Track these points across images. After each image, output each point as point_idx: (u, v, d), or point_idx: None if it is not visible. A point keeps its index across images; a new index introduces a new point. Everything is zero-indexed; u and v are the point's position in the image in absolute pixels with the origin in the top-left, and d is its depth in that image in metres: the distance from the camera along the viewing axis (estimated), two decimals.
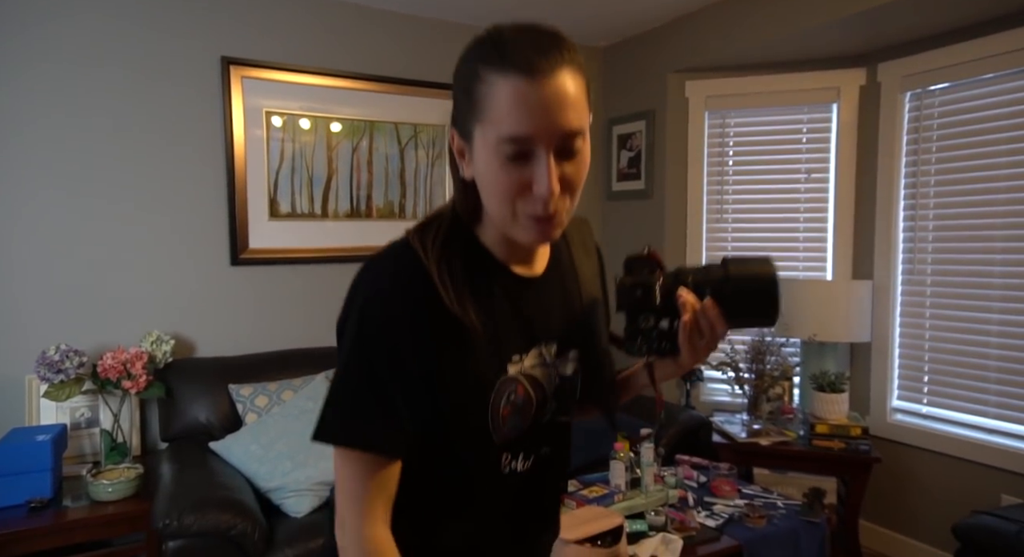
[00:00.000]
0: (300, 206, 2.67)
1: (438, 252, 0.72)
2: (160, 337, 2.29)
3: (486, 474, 0.77)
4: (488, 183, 0.69)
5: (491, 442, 0.75)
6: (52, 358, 2.02)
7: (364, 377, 0.70)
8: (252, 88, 2.53)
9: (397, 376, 0.70)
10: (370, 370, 0.70)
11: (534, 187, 0.66)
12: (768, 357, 2.57)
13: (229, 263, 2.52)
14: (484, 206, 0.74)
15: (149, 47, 2.34)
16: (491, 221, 0.75)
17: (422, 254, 0.71)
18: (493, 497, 0.78)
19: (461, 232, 0.76)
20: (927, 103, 2.49)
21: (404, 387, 0.70)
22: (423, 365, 0.70)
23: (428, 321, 0.70)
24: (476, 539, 0.79)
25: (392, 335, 0.70)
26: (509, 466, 0.78)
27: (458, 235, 0.75)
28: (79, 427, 2.18)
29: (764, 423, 2.51)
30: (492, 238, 0.77)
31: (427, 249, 0.72)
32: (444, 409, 0.72)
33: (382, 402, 0.70)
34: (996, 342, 2.29)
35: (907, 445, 2.54)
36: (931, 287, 2.49)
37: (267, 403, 2.29)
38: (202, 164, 2.46)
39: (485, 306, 0.74)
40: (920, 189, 2.52)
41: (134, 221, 2.35)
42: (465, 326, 0.71)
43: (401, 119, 2.85)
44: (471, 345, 0.72)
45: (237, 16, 2.49)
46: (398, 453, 0.72)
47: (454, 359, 0.72)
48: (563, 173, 0.67)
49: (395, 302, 0.70)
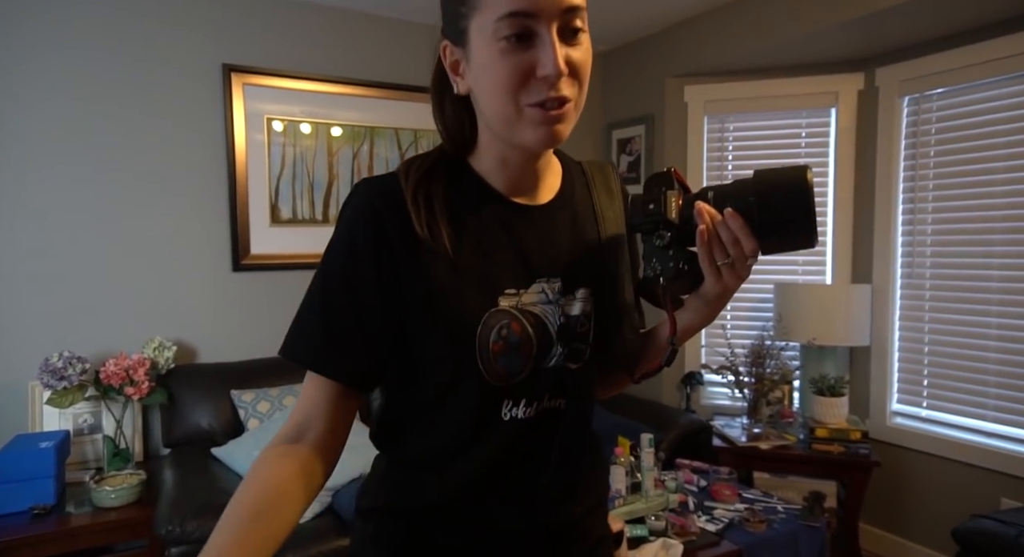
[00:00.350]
0: (301, 211, 2.68)
1: (417, 176, 0.70)
2: (162, 343, 2.30)
3: (484, 418, 0.71)
4: (488, 81, 0.65)
5: (486, 383, 0.70)
6: (55, 365, 2.03)
7: (318, 295, 0.70)
8: (253, 94, 2.55)
9: (356, 298, 0.69)
10: (326, 289, 0.70)
11: (538, 69, 0.63)
12: (768, 361, 2.58)
13: (231, 269, 2.53)
14: (482, 122, 0.71)
15: (150, 56, 2.36)
16: (488, 146, 0.72)
17: (402, 179, 0.70)
18: (492, 444, 0.72)
19: (450, 161, 0.74)
20: (925, 107, 2.50)
21: (364, 309, 0.69)
22: (389, 290, 0.69)
23: (399, 245, 0.68)
24: (474, 487, 0.73)
25: (355, 256, 0.69)
26: (510, 413, 0.72)
27: (446, 164, 0.73)
28: (82, 433, 2.19)
29: (764, 427, 2.51)
30: (488, 165, 0.73)
31: (408, 174, 0.71)
32: (428, 340, 0.70)
33: (331, 321, 0.69)
34: (995, 346, 2.30)
35: (907, 448, 2.55)
36: (930, 291, 2.50)
37: (269, 408, 2.30)
38: (204, 171, 2.48)
39: (471, 234, 0.71)
40: (919, 193, 2.53)
41: (136, 228, 2.36)
42: (446, 254, 0.69)
43: (401, 124, 2.86)
44: (453, 274, 0.69)
45: (238, 24, 2.50)
46: (337, 376, 0.69)
47: (432, 288, 0.69)
48: (568, 57, 0.64)
49: (361, 224, 0.69)
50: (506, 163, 0.73)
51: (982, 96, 2.32)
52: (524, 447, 0.73)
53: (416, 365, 0.72)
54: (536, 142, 0.67)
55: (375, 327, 0.69)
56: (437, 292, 0.69)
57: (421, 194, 0.69)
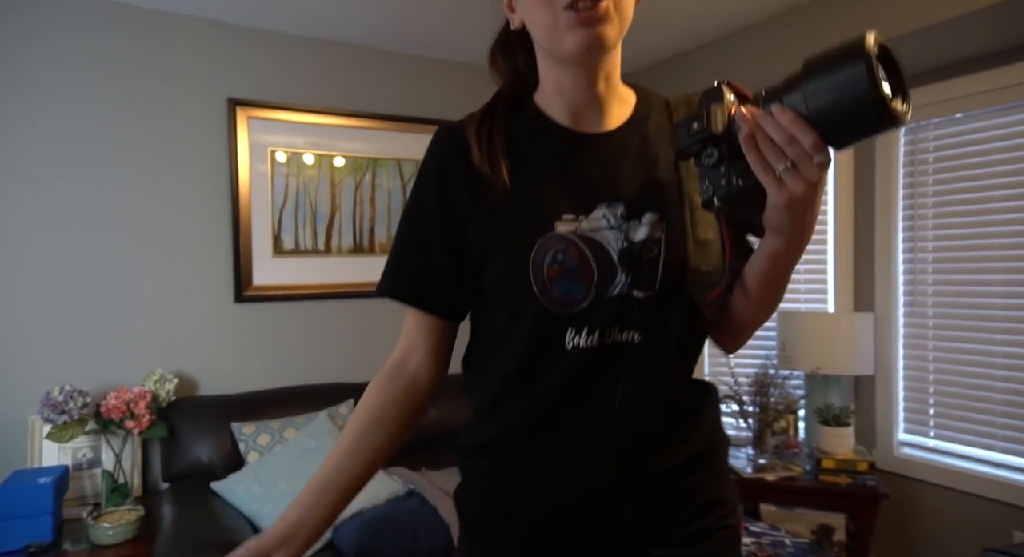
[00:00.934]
0: (303, 242, 2.69)
1: (479, 116, 0.77)
2: (163, 375, 2.29)
3: (547, 346, 0.71)
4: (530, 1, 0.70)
5: (544, 309, 0.70)
6: (56, 399, 2.02)
7: (401, 234, 0.81)
8: (258, 127, 2.58)
9: (423, 232, 0.77)
10: (401, 228, 0.80)
11: None
12: (772, 390, 2.56)
13: (233, 300, 2.54)
14: (539, 52, 0.77)
15: (157, 89, 2.40)
16: (545, 77, 0.77)
17: (467, 120, 0.77)
18: (555, 374, 0.72)
19: (513, 99, 0.79)
20: (922, 136, 2.52)
21: (430, 241, 0.77)
22: (452, 223, 0.75)
23: (461, 181, 0.75)
24: (536, 422, 0.74)
25: (424, 194, 0.77)
26: (573, 342, 0.71)
27: (508, 103, 0.79)
28: (80, 468, 2.17)
29: (770, 457, 2.48)
30: (548, 98, 0.78)
31: (472, 116, 0.78)
32: (489, 269, 0.74)
33: (415, 256, 0.79)
34: (1000, 375, 2.28)
35: (915, 479, 2.51)
36: (933, 319, 2.49)
37: (269, 441, 2.28)
38: (207, 202, 2.50)
39: (528, 164, 0.75)
40: (918, 221, 2.54)
41: (139, 259, 2.38)
42: (503, 185, 0.73)
43: (404, 155, 2.89)
44: (509, 202, 0.73)
45: (244, 59, 2.55)
46: (428, 305, 0.80)
47: (489, 217, 0.74)
48: None
49: (429, 166, 0.78)
50: (562, 91, 0.75)
51: (978, 126, 2.35)
52: (589, 380, 0.72)
53: (484, 295, 0.77)
54: (576, 47, 0.68)
55: (440, 257, 0.77)
56: (494, 221, 0.74)
57: (484, 132, 0.75)
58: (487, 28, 2.60)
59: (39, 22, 2.19)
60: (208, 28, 2.47)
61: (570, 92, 0.75)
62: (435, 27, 2.61)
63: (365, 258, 2.80)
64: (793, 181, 0.58)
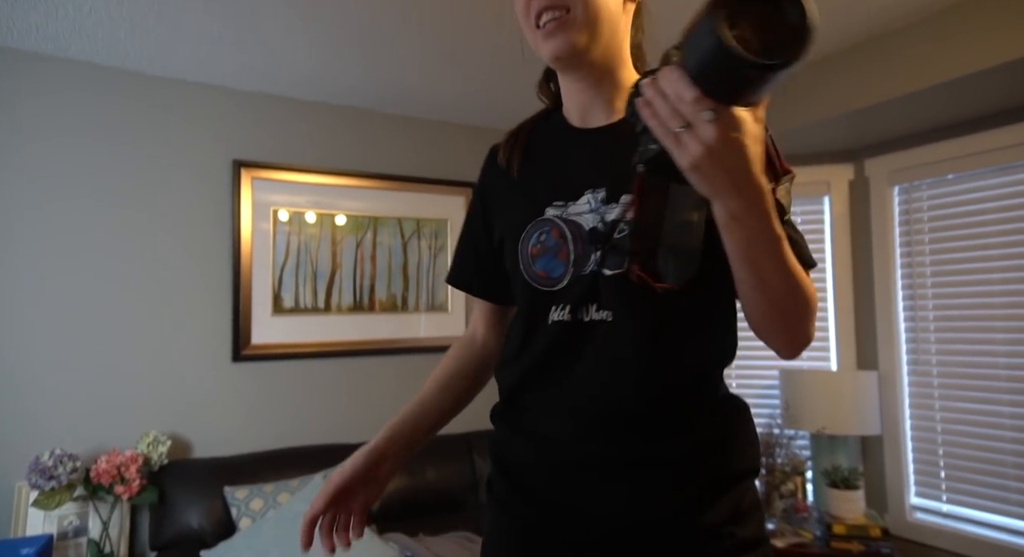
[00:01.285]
0: (303, 300, 2.69)
1: (516, 128, 0.91)
2: (157, 437, 2.24)
3: (535, 322, 0.81)
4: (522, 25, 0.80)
5: (531, 286, 0.80)
6: (45, 464, 1.97)
7: (461, 231, 0.98)
8: (261, 187, 2.62)
9: (477, 227, 0.93)
10: (464, 226, 0.98)
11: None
12: (778, 450, 2.51)
13: (231, 359, 2.51)
14: None
15: (161, 151, 2.44)
16: (561, 88, 0.88)
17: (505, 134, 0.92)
18: (538, 346, 0.80)
19: (547, 112, 0.92)
20: (915, 196, 2.56)
21: (476, 237, 0.94)
22: (488, 220, 0.91)
23: (495, 183, 0.90)
24: (523, 385, 0.83)
25: (476, 195, 0.95)
26: (552, 317, 0.79)
27: (543, 115, 0.92)
28: (66, 537, 2.09)
29: (779, 522, 2.41)
30: (566, 105, 0.87)
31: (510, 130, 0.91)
32: (502, 255, 0.87)
33: (465, 249, 0.96)
34: (1009, 436, 2.24)
35: (931, 547, 2.43)
36: (938, 378, 2.47)
37: (262, 506, 2.21)
38: (208, 261, 2.51)
39: (535, 159, 0.86)
40: (917, 279, 2.55)
41: (136, 318, 2.36)
42: (513, 178, 0.86)
43: (404, 214, 2.92)
44: (512, 192, 0.86)
45: (248, 122, 2.61)
46: (476, 291, 0.97)
47: (504, 208, 0.87)
48: None
49: (480, 174, 0.95)
50: (569, 95, 0.85)
51: (970, 186, 2.39)
52: (564, 352, 0.78)
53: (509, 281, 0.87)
54: (547, 56, 0.78)
55: (484, 249, 0.93)
56: (501, 210, 0.88)
57: (512, 136, 0.90)
58: (486, 92, 2.70)
59: (37, 87, 2.25)
60: (213, 93, 2.54)
61: (574, 95, 0.84)
62: (435, 91, 2.68)
63: (365, 316, 2.79)
64: (691, 140, 0.55)
